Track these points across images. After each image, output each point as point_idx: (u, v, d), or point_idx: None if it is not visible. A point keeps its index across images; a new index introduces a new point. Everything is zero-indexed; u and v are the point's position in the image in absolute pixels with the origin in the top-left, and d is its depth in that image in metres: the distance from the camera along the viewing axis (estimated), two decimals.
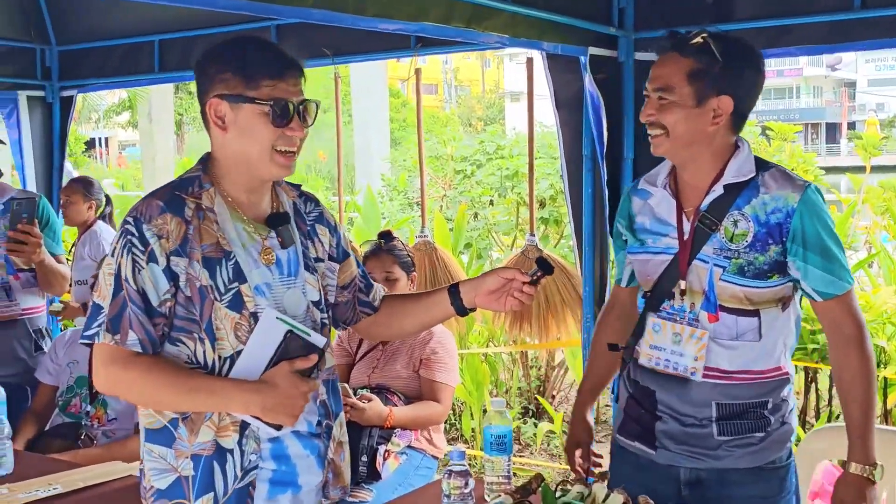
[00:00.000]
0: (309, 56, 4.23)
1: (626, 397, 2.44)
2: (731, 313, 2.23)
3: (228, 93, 1.94)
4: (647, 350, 2.33)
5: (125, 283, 1.91)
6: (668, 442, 2.32)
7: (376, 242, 3.67)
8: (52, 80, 5.00)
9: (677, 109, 2.20)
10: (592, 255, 3.84)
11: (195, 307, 1.94)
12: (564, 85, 3.82)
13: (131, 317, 1.90)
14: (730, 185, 2.24)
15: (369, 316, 2.29)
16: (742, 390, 2.27)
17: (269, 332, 1.92)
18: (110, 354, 1.92)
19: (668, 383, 2.31)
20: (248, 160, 1.98)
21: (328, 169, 18.01)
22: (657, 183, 2.35)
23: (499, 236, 6.65)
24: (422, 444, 3.57)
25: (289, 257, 2.05)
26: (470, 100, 40.38)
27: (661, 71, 2.23)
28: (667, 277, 2.30)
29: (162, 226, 1.92)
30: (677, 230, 2.29)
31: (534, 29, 3.21)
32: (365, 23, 2.66)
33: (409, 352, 3.61)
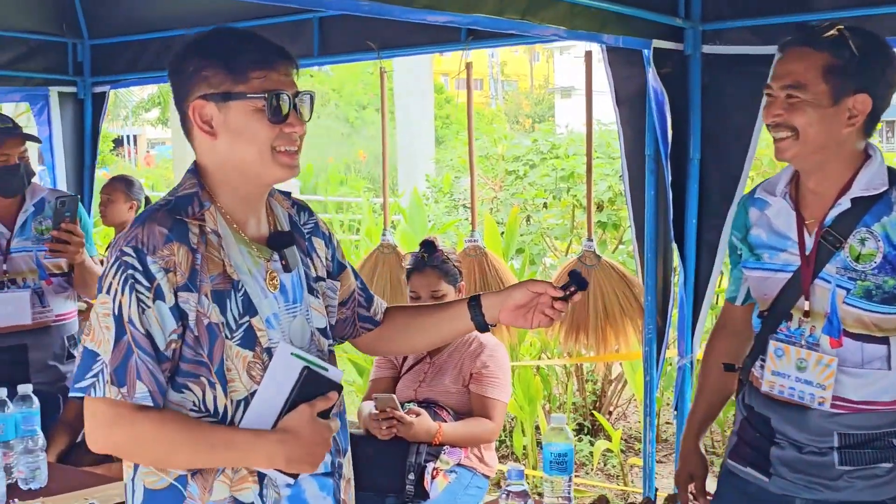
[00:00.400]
0: (354, 50, 4.36)
1: (740, 420, 2.41)
2: (857, 339, 2.17)
3: (213, 91, 1.79)
4: (769, 377, 2.28)
5: (129, 325, 1.73)
6: (783, 469, 2.28)
7: (419, 256, 3.64)
8: (84, 75, 5.07)
9: (810, 109, 2.12)
10: (655, 263, 3.82)
11: (203, 348, 1.78)
12: (626, 80, 3.80)
13: (138, 365, 1.73)
14: (858, 198, 2.17)
15: (370, 331, 2.19)
16: (867, 420, 2.21)
17: (284, 371, 1.81)
18: (112, 411, 1.73)
19: (784, 410, 2.27)
20: (245, 166, 1.83)
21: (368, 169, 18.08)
22: (776, 192, 2.29)
23: (552, 241, 6.62)
24: (472, 462, 3.56)
25: (292, 282, 1.93)
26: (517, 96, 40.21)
27: (792, 67, 2.14)
28: (785, 297, 2.24)
29: (169, 257, 1.75)
30: (798, 245, 2.23)
31: (594, 20, 3.19)
32: (415, 15, 2.66)
33: (458, 365, 3.61)
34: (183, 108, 1.85)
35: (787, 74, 2.14)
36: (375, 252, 4.69)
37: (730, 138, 3.64)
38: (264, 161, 1.82)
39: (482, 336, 3.66)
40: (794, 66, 2.14)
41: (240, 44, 1.82)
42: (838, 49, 2.10)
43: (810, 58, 2.12)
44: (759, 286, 2.33)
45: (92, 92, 5.13)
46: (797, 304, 2.23)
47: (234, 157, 1.82)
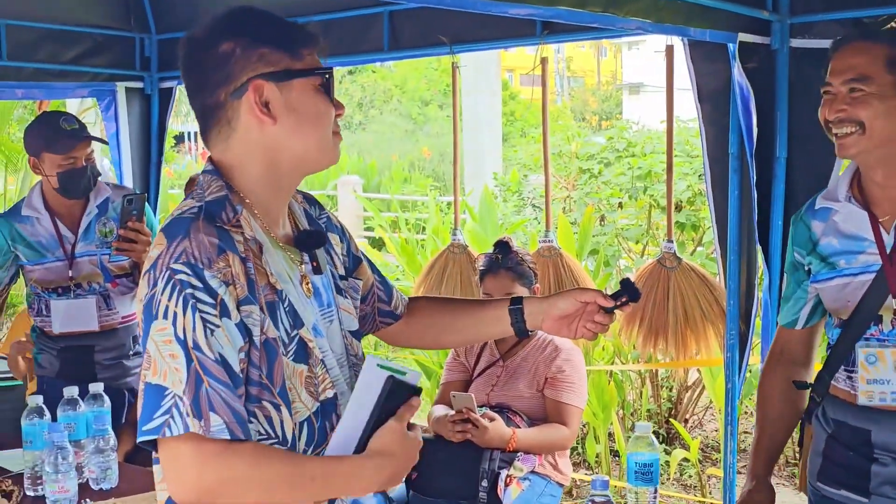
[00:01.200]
0: (425, 44, 4.36)
1: (825, 439, 2.36)
2: None
3: (273, 69, 1.71)
4: (865, 388, 2.24)
5: (194, 351, 1.60)
6: (886, 488, 2.24)
7: (492, 257, 3.64)
8: (152, 70, 5.12)
9: (876, 101, 2.14)
10: (738, 265, 3.75)
11: (265, 368, 1.68)
12: (709, 75, 3.74)
13: (210, 395, 1.59)
14: None
15: (390, 325, 2.12)
16: None
17: (371, 385, 1.71)
18: (199, 451, 1.59)
19: (884, 419, 2.22)
20: (305, 151, 1.76)
21: (433, 167, 18.14)
22: (839, 197, 2.29)
23: (627, 242, 6.58)
24: (546, 470, 3.56)
25: (323, 284, 1.86)
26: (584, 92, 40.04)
27: (853, 61, 2.17)
28: (871, 299, 2.22)
29: (226, 269, 1.64)
30: (876, 244, 2.21)
31: (680, 13, 3.14)
32: (496, 7, 2.65)
33: (532, 369, 3.61)
34: (220, 98, 1.73)
35: (849, 68, 2.17)
36: (445, 252, 4.68)
37: (818, 136, 3.51)
38: (324, 145, 1.77)
39: (557, 339, 3.65)
40: (855, 59, 2.17)
41: (280, 21, 1.77)
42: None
43: (871, 50, 2.16)
44: (837, 295, 2.29)
45: (159, 87, 5.17)
46: (885, 305, 2.20)
47: (294, 142, 1.75)
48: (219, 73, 1.73)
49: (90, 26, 4.82)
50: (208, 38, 1.75)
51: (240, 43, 1.72)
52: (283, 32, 1.75)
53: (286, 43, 1.73)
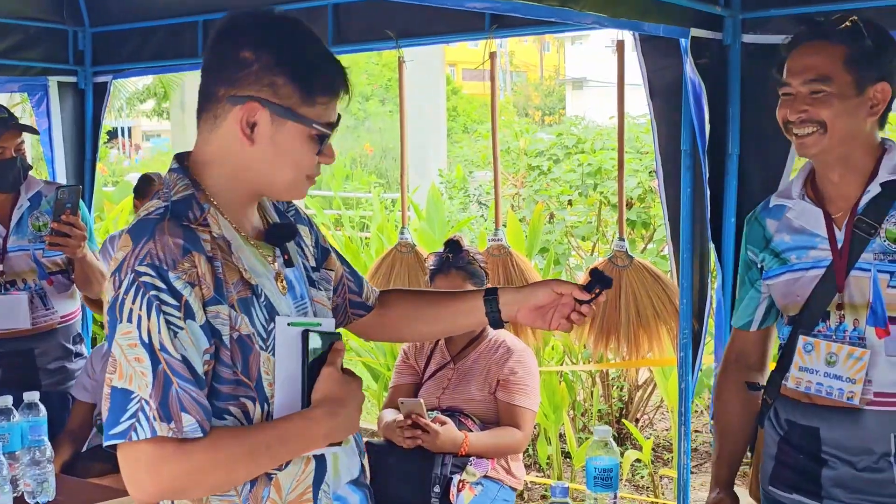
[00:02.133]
0: (370, 39, 4.33)
1: (776, 442, 2.38)
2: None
3: (278, 102, 1.71)
4: (796, 374, 2.27)
5: (161, 353, 1.62)
6: (838, 491, 2.25)
7: (443, 256, 3.63)
8: (85, 64, 5.04)
9: (836, 101, 2.16)
10: (691, 263, 3.77)
11: (239, 364, 1.72)
12: (661, 71, 3.75)
13: (180, 395, 1.62)
14: (887, 182, 2.21)
15: (362, 317, 2.15)
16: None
17: (289, 345, 1.78)
18: (158, 451, 1.62)
19: (835, 417, 2.24)
20: (271, 182, 1.78)
21: (375, 163, 18.06)
22: (793, 195, 2.32)
23: (577, 240, 6.60)
24: (499, 474, 3.56)
25: (296, 276, 1.89)
26: (526, 87, 40.23)
27: (812, 60, 2.19)
28: (819, 294, 2.24)
29: (191, 270, 1.66)
30: (828, 240, 2.24)
31: (634, 8, 3.15)
32: (452, 2, 2.63)
33: (484, 371, 3.60)
34: (219, 94, 1.75)
35: (810, 68, 2.19)
36: (392, 251, 4.66)
37: (771, 133, 3.54)
38: (293, 185, 1.79)
39: (509, 340, 3.65)
40: (813, 59, 2.19)
41: (318, 60, 1.75)
42: (855, 39, 2.17)
43: (829, 49, 2.18)
44: (788, 290, 2.32)
45: (93, 82, 5.09)
46: (834, 301, 2.23)
47: (264, 171, 1.76)
48: (229, 72, 1.73)
49: (21, 18, 4.72)
50: (240, 34, 1.74)
51: (261, 59, 1.71)
52: (309, 71, 1.73)
53: (305, 84, 1.72)
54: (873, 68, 2.18)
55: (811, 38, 2.21)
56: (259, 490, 1.77)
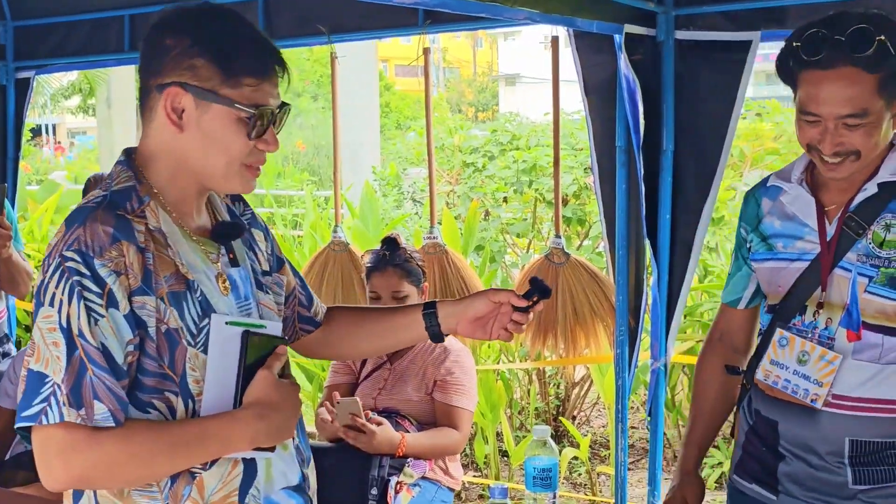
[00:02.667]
0: (302, 34, 4.28)
1: (745, 431, 2.38)
2: (877, 332, 2.15)
3: (198, 84, 1.70)
4: (767, 366, 2.26)
5: (79, 339, 1.61)
6: (792, 487, 2.26)
7: (380, 254, 3.60)
8: (7, 59, 4.91)
9: (874, 130, 2.08)
10: (627, 260, 3.79)
11: (166, 358, 1.70)
12: (595, 67, 3.77)
13: (94, 383, 1.61)
14: (885, 183, 2.16)
15: (311, 333, 2.13)
16: (882, 426, 2.18)
17: (224, 343, 1.75)
18: (69, 437, 1.61)
19: (793, 413, 2.24)
20: (205, 171, 1.77)
21: (308, 160, 17.95)
22: (791, 178, 2.26)
23: (513, 237, 6.61)
24: (437, 475, 3.54)
25: (241, 276, 1.86)
26: (459, 83, 40.35)
27: (847, 93, 2.04)
28: (801, 288, 2.22)
29: (118, 259, 1.65)
30: (818, 233, 2.20)
31: (567, 4, 3.16)
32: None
33: (421, 371, 3.58)
34: (150, 84, 1.75)
35: (845, 102, 2.04)
36: (326, 250, 4.61)
37: (705, 129, 3.63)
38: (230, 173, 1.77)
39: (446, 340, 3.62)
40: (848, 91, 2.04)
41: (241, 41, 1.73)
42: (886, 63, 2.03)
43: (864, 81, 2.03)
44: (771, 278, 2.30)
45: (15, 77, 4.96)
46: (813, 296, 2.21)
47: (197, 157, 1.76)
48: (154, 62, 1.75)
49: None
50: (164, 25, 1.75)
51: (181, 43, 1.71)
52: (229, 50, 1.71)
53: (225, 64, 1.71)
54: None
55: (841, 62, 2.03)
56: (179, 487, 1.74)
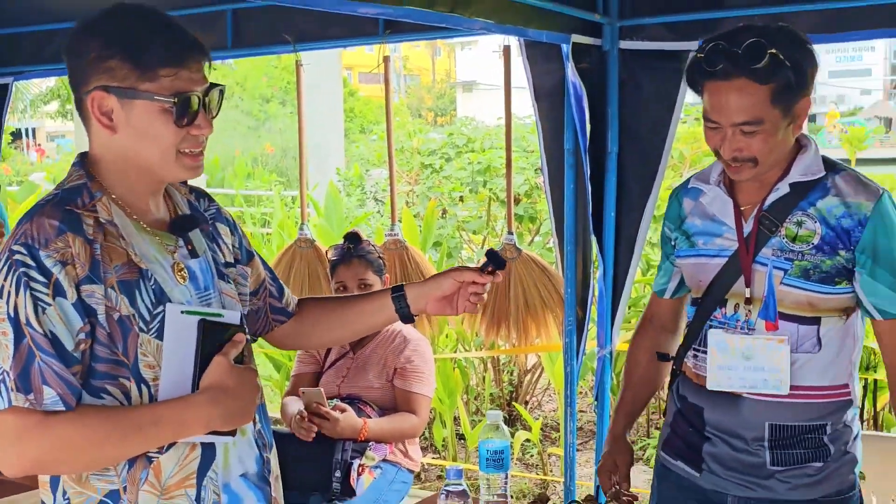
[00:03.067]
0: (268, 43, 4.24)
1: (673, 412, 2.39)
2: (792, 321, 2.15)
3: (117, 84, 1.65)
4: (714, 372, 2.22)
5: (26, 327, 1.58)
6: (715, 466, 2.27)
7: (344, 247, 3.59)
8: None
9: (770, 137, 2.08)
10: (575, 255, 3.80)
11: (119, 344, 1.66)
12: (544, 75, 3.76)
13: (42, 369, 1.57)
14: (796, 183, 2.16)
15: (284, 324, 2.09)
16: (799, 410, 2.19)
17: (181, 331, 1.71)
18: (21, 422, 1.57)
19: (717, 400, 2.24)
20: (146, 165, 1.72)
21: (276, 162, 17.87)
22: (710, 180, 2.27)
23: (469, 234, 6.61)
24: (397, 458, 3.53)
25: (201, 267, 1.82)
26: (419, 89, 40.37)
27: (741, 103, 2.04)
28: (720, 282, 2.22)
29: (65, 249, 1.60)
30: (735, 230, 2.21)
31: (519, 15, 3.16)
32: (345, 6, 2.59)
33: (382, 360, 3.56)
34: (79, 94, 1.70)
35: (739, 111, 2.05)
36: (292, 247, 4.58)
37: (647, 132, 3.66)
38: (167, 162, 1.72)
39: (405, 330, 3.61)
40: (742, 101, 2.05)
41: (151, 34, 1.66)
42: (778, 74, 2.04)
43: (757, 92, 2.04)
44: (693, 273, 2.30)
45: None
46: (733, 290, 2.21)
47: (134, 154, 1.71)
48: (79, 74, 1.69)
49: None
50: (78, 32, 1.69)
51: (95, 47, 1.66)
52: (139, 46, 1.65)
53: (138, 60, 1.65)
54: (796, 91, 2.08)
55: (736, 73, 2.04)
56: (137, 472, 1.70)
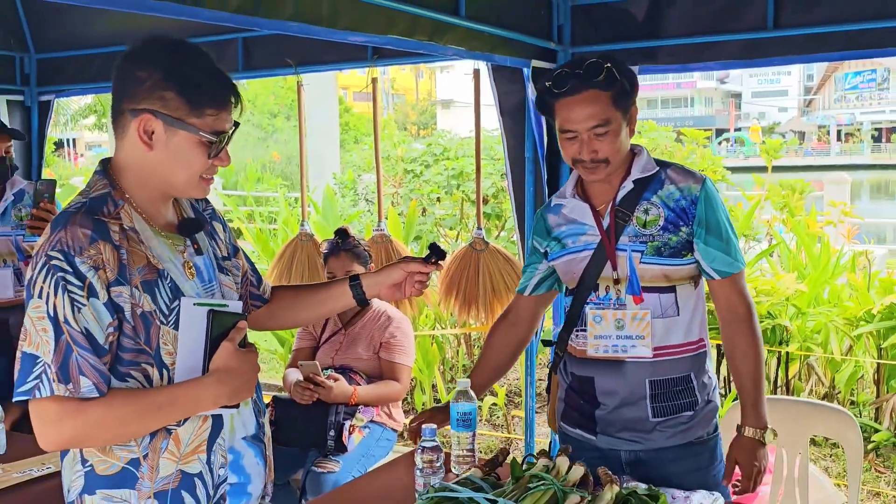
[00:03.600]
0: (274, 66, 4.22)
1: (564, 388, 2.41)
2: (653, 292, 2.22)
3: (168, 114, 1.64)
4: (593, 341, 2.28)
5: (65, 325, 1.57)
6: (608, 427, 2.30)
7: (334, 242, 3.59)
8: (31, 85, 4.79)
9: (615, 138, 2.17)
10: None
11: (141, 336, 1.66)
12: (508, 94, 3.77)
13: (80, 362, 1.58)
14: (638, 179, 2.25)
15: (259, 308, 2.09)
16: (670, 366, 2.25)
17: (193, 321, 1.71)
18: (59, 407, 1.58)
19: (604, 369, 2.28)
20: (169, 182, 1.71)
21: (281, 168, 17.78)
22: (566, 195, 2.35)
23: (445, 230, 6.59)
24: (382, 419, 3.53)
25: (205, 263, 1.82)
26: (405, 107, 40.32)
27: (592, 109, 2.15)
28: (591, 271, 2.27)
29: (96, 256, 1.59)
30: (596, 227, 2.27)
31: (486, 43, 3.16)
32: (337, 35, 2.57)
33: (369, 335, 3.56)
34: (123, 108, 1.67)
35: (592, 116, 2.15)
36: (294, 240, 4.57)
37: None
38: (189, 184, 1.72)
39: (390, 310, 3.62)
40: (592, 108, 2.15)
41: (204, 76, 1.67)
42: (613, 81, 2.15)
43: (601, 97, 2.15)
44: (567, 269, 2.34)
45: (38, 100, 4.84)
46: (602, 275, 2.25)
47: (162, 171, 1.69)
48: (128, 91, 1.66)
49: None
50: (134, 58, 1.67)
51: (153, 76, 1.64)
52: (195, 87, 1.65)
53: (191, 96, 1.65)
54: (628, 98, 2.19)
55: (583, 88, 2.15)
56: (158, 442, 1.70)
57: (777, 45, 3.26)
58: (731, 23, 3.32)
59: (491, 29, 3.16)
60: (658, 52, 3.46)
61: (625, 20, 3.51)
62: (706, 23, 3.36)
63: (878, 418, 5.14)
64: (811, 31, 3.19)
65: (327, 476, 3.24)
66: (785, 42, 3.25)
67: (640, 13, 3.47)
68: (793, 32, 3.22)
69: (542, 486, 1.84)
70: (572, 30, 3.61)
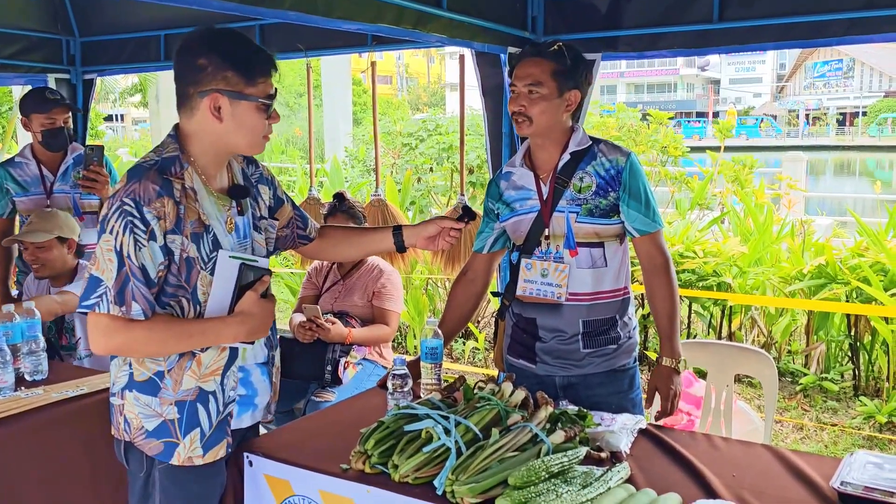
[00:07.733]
0: (287, 50, 4.27)
1: (511, 325, 2.51)
2: (586, 247, 2.32)
3: (230, 89, 1.76)
4: (522, 284, 2.38)
5: (127, 259, 1.71)
6: (546, 357, 2.40)
7: (333, 204, 3.67)
8: (76, 65, 4.83)
9: (543, 102, 2.26)
10: None
11: (182, 275, 1.80)
12: (489, 77, 3.80)
13: (134, 290, 1.72)
14: (574, 152, 2.33)
15: (306, 245, 2.21)
16: (600, 309, 2.36)
17: (226, 270, 1.84)
18: (112, 322, 1.73)
19: (545, 310, 2.37)
20: (236, 144, 1.83)
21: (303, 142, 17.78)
22: (516, 164, 2.43)
23: (437, 196, 6.65)
24: (374, 357, 3.61)
25: (244, 222, 1.94)
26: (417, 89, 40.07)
27: (530, 70, 2.26)
28: (534, 229, 2.36)
29: (160, 208, 1.74)
30: (538, 193, 2.35)
31: (466, 31, 3.21)
32: (331, 23, 2.63)
33: (364, 286, 3.64)
34: (190, 92, 1.79)
35: (528, 75, 2.26)
36: (304, 203, 4.64)
37: None
38: (254, 144, 1.84)
39: (381, 265, 3.69)
40: (531, 69, 2.26)
41: (251, 54, 1.80)
42: (560, 59, 2.25)
43: (542, 64, 2.25)
44: (515, 229, 2.42)
45: (83, 79, 4.89)
46: (543, 233, 2.34)
47: (230, 137, 1.82)
48: (192, 77, 1.79)
49: (25, 30, 4.52)
50: (192, 49, 1.78)
51: (212, 62, 1.76)
52: (247, 60, 1.78)
53: (246, 71, 1.77)
54: (570, 80, 2.27)
55: (532, 55, 2.28)
56: (184, 361, 1.86)
57: (722, 36, 3.30)
58: (682, 16, 3.36)
59: (471, 19, 3.20)
60: (618, 41, 3.50)
61: (590, 13, 3.54)
62: (660, 15, 3.40)
63: (807, 364, 5.23)
64: (751, 24, 3.23)
65: (324, 405, 3.32)
66: (730, 33, 3.29)
67: (604, 6, 3.51)
68: (737, 24, 3.26)
69: (488, 406, 1.95)
70: (545, 20, 3.64)
